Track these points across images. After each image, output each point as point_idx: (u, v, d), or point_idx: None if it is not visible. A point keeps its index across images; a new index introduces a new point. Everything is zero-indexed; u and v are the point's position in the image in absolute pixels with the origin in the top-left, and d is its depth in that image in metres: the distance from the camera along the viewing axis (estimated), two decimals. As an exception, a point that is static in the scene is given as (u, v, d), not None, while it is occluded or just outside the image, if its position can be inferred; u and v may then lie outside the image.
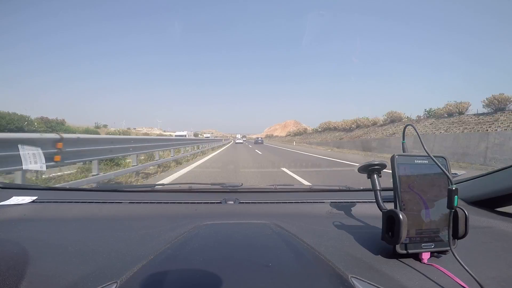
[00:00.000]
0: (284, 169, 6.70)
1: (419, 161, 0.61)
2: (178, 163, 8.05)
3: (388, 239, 0.58)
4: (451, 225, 0.57)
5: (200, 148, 14.28)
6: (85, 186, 2.85)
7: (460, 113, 16.64)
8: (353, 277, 0.49)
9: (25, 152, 1.94)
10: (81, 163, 4.59)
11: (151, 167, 6.27)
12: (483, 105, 15.05)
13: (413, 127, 0.62)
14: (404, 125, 0.69)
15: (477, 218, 0.83)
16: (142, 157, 7.14)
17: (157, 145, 7.05)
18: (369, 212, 0.89)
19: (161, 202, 0.96)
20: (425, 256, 0.58)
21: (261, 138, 42.87)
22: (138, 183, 4.56)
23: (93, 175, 3.87)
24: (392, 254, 0.58)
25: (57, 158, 2.90)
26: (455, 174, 1.08)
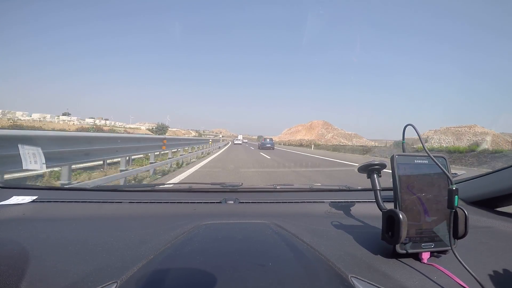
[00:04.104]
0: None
1: (419, 161, 0.61)
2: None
3: (388, 239, 0.58)
4: (451, 225, 0.57)
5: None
6: (85, 186, 2.85)
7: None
8: (353, 276, 0.49)
9: (25, 151, 1.93)
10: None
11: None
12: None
13: (413, 127, 0.62)
14: (404, 125, 0.69)
15: (477, 218, 0.83)
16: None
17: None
18: (369, 212, 0.89)
19: (161, 202, 0.96)
20: (425, 256, 0.58)
21: (271, 140, 24.54)
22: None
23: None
24: (392, 254, 0.58)
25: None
26: (455, 174, 1.08)
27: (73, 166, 3.80)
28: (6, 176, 2.84)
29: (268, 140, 24.14)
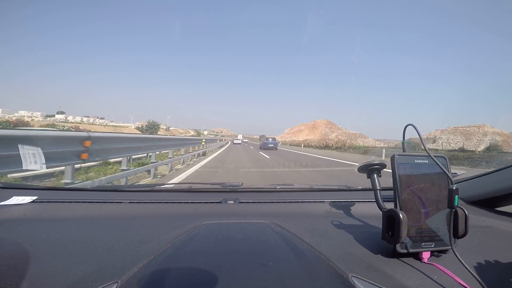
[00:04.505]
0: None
1: (419, 161, 0.61)
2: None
3: (388, 239, 0.58)
4: (451, 224, 0.57)
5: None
6: (85, 186, 2.85)
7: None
8: (353, 276, 0.49)
9: (25, 152, 1.93)
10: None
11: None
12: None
13: (414, 127, 0.62)
14: (405, 125, 0.69)
15: (477, 218, 0.83)
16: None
17: None
18: (369, 211, 0.89)
19: (161, 202, 0.96)
20: (425, 255, 0.58)
21: (274, 139, 22.95)
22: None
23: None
24: (392, 254, 0.58)
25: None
26: (455, 173, 1.08)
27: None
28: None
29: (270, 139, 22.56)
